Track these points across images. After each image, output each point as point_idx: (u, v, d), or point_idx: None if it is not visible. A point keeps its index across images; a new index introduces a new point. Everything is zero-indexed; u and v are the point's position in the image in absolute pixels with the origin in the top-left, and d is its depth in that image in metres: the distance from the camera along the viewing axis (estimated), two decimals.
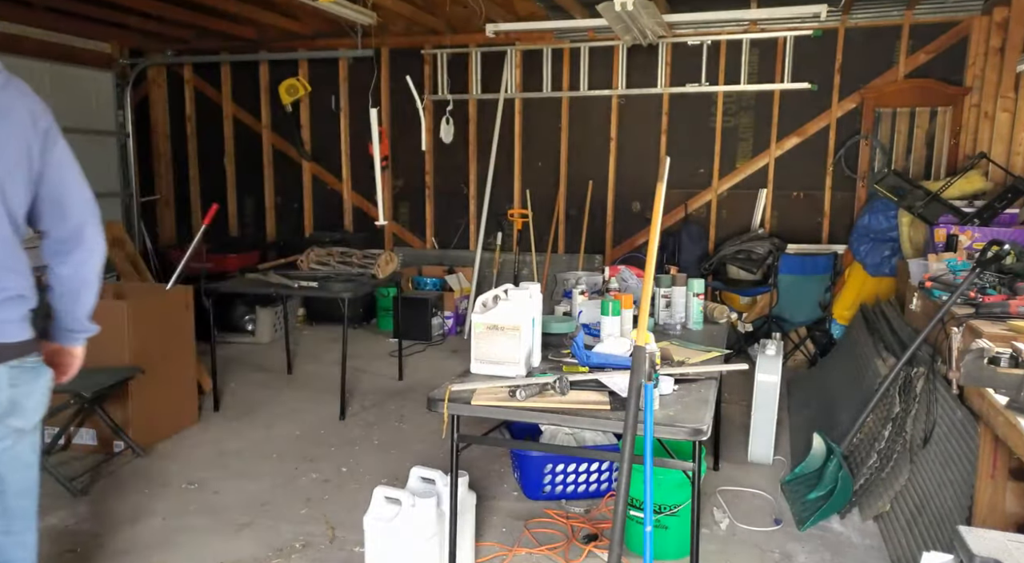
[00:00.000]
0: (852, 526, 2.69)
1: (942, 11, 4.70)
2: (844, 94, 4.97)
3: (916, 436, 2.66)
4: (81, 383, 3.26)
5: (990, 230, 3.72)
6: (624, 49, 5.36)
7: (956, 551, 1.26)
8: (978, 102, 4.63)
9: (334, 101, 6.04)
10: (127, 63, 6.20)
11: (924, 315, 3.11)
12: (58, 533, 2.70)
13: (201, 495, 2.99)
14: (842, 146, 4.99)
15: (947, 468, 2.36)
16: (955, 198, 4.24)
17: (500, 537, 2.64)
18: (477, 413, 1.95)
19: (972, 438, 2.20)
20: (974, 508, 2.07)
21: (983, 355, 1.86)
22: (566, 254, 5.72)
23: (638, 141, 5.47)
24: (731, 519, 2.75)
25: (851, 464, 2.84)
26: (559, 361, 2.24)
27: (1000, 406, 1.79)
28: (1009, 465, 1.99)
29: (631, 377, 1.60)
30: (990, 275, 2.76)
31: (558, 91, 5.57)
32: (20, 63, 5.08)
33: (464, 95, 5.75)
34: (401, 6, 4.82)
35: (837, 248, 5.02)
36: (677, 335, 2.72)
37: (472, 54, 5.69)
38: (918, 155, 4.92)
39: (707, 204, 5.41)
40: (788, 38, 5.01)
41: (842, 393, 3.54)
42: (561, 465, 2.84)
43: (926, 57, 4.78)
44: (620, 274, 3.24)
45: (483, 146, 5.77)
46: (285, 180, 6.34)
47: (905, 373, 2.81)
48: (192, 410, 3.86)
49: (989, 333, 2.27)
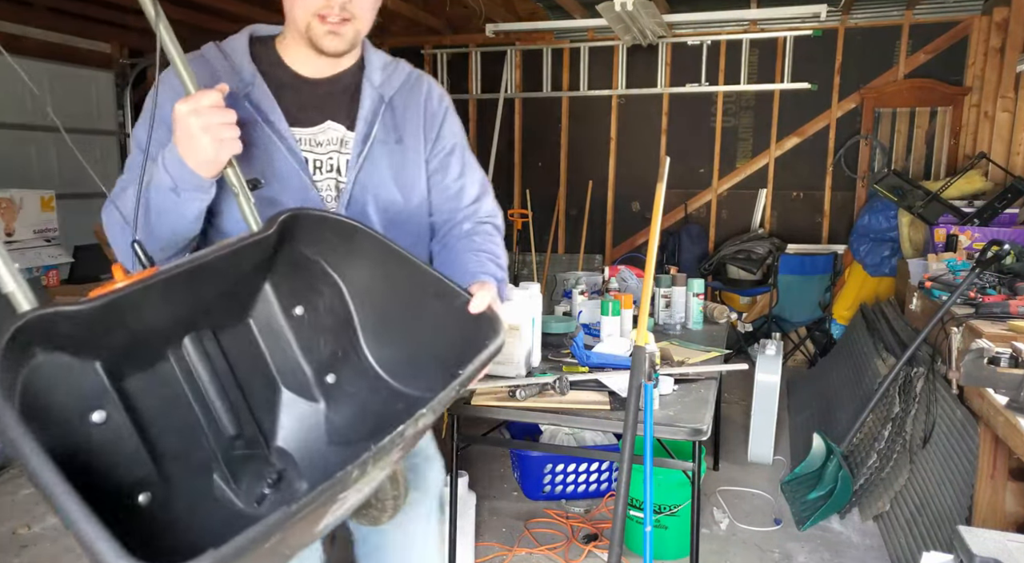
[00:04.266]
0: (852, 526, 2.69)
1: (942, 11, 4.70)
2: (844, 94, 4.97)
3: (916, 436, 2.66)
4: None
5: (990, 230, 3.72)
6: (624, 49, 5.36)
7: (956, 551, 1.26)
8: (978, 102, 4.63)
9: None
10: (127, 63, 6.20)
11: (924, 315, 3.11)
12: (59, 533, 2.69)
13: None
14: (842, 146, 4.99)
15: (947, 468, 2.36)
16: (955, 198, 4.24)
17: (500, 537, 2.64)
18: (477, 413, 1.95)
19: (972, 438, 2.20)
20: (974, 508, 2.07)
21: (983, 355, 1.86)
22: (566, 254, 5.72)
23: (638, 141, 5.47)
24: (731, 519, 2.75)
25: (851, 464, 2.84)
26: (559, 361, 2.24)
27: (1000, 406, 1.79)
28: (1009, 465, 1.99)
29: (631, 377, 1.60)
30: (990, 275, 2.76)
31: (558, 91, 5.57)
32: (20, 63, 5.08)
33: (464, 95, 5.75)
34: (401, 6, 4.82)
35: (837, 248, 5.02)
36: (677, 335, 2.72)
37: (472, 54, 5.69)
38: (918, 155, 4.91)
39: (707, 204, 5.40)
40: (788, 38, 5.01)
41: (842, 393, 3.54)
42: (561, 465, 2.84)
43: (926, 57, 4.78)
44: (620, 274, 3.23)
45: (483, 146, 5.77)
46: None
47: (905, 373, 2.81)
48: None
49: (989, 333, 2.27)
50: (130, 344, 0.90)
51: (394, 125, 1.33)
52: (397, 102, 1.35)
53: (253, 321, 1.07)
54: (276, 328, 1.08)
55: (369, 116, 1.30)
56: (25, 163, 5.13)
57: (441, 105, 1.41)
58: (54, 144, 5.41)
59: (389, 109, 1.33)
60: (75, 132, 5.62)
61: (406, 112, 1.36)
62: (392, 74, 1.36)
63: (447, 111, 1.42)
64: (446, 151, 1.40)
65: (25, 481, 3.19)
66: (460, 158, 1.43)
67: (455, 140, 1.42)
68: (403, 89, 1.36)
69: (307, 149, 1.27)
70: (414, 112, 1.37)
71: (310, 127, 1.28)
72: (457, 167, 1.42)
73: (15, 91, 5.08)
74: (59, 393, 0.82)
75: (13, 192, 4.04)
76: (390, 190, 1.33)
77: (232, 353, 1.03)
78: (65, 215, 4.50)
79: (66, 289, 3.93)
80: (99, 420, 0.86)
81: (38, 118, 5.27)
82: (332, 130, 1.29)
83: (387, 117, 1.33)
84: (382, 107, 1.32)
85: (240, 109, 1.14)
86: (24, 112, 5.15)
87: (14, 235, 4.00)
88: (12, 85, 5.05)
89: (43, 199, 4.19)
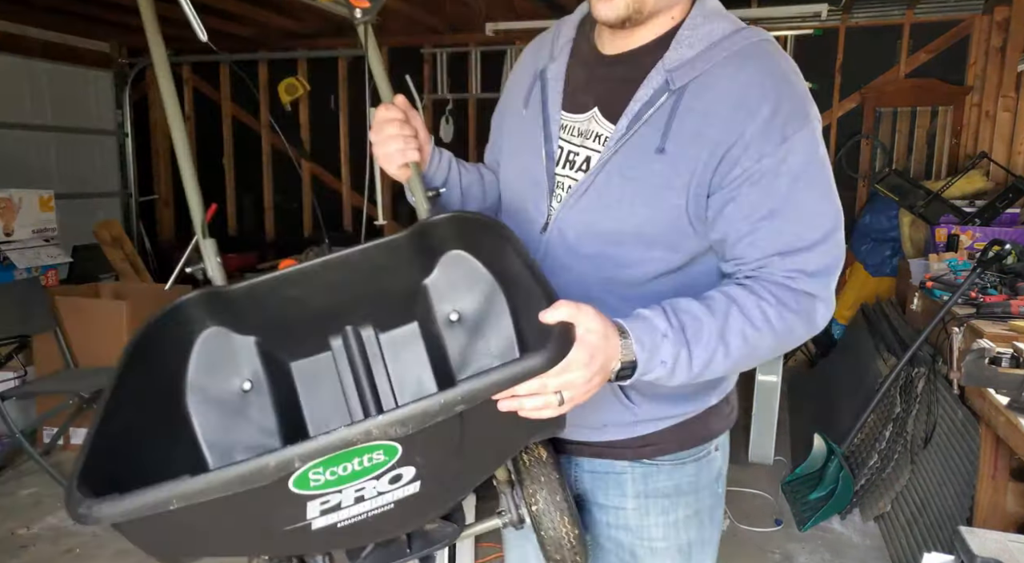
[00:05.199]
0: (853, 527, 2.69)
1: (943, 10, 4.69)
2: (845, 93, 4.96)
3: (917, 436, 2.66)
4: (80, 383, 3.26)
5: (991, 230, 3.72)
6: None
7: (957, 551, 1.25)
8: (979, 101, 4.62)
9: (333, 100, 6.03)
10: (126, 62, 6.20)
11: (925, 315, 3.10)
12: (58, 533, 2.69)
13: None
14: (843, 146, 4.99)
15: (948, 468, 2.35)
16: (956, 198, 4.23)
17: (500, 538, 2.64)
18: None
19: (973, 438, 2.19)
20: (975, 508, 2.06)
21: (984, 355, 1.86)
22: None
23: None
24: (731, 519, 2.74)
25: (852, 464, 2.83)
26: None
27: (1001, 406, 1.78)
28: (1010, 465, 1.98)
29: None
30: (991, 275, 2.75)
31: None
32: (20, 63, 5.08)
33: (464, 94, 5.74)
34: (401, 5, 4.81)
35: None
36: None
37: (472, 53, 5.68)
38: (919, 155, 4.91)
39: None
40: (789, 37, 5.00)
41: (843, 393, 3.53)
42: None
43: (927, 56, 4.77)
44: None
45: (483, 145, 5.75)
46: (284, 180, 6.34)
47: (906, 373, 2.80)
48: None
49: (990, 333, 2.26)
50: (284, 327, 1.01)
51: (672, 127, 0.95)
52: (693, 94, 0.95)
53: (417, 322, 1.08)
54: (435, 332, 1.07)
55: (637, 110, 0.97)
56: (24, 163, 5.13)
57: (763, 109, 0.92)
58: (53, 144, 5.41)
59: (678, 101, 0.95)
60: (74, 132, 5.62)
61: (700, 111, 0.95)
62: (705, 51, 0.95)
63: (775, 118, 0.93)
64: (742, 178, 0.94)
65: (25, 481, 3.19)
66: (767, 190, 0.93)
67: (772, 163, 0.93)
68: (711, 74, 0.94)
69: (566, 138, 1.06)
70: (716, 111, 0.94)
71: (578, 113, 1.05)
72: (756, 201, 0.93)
73: (14, 91, 5.08)
74: (219, 357, 0.99)
75: (12, 192, 4.04)
76: (605, 214, 1.00)
77: (389, 351, 1.06)
78: (64, 215, 4.50)
79: (65, 289, 3.93)
80: (246, 389, 1.00)
81: (37, 118, 5.27)
82: (595, 121, 1.03)
83: (661, 115, 0.95)
84: (663, 98, 0.96)
85: (534, 87, 1.11)
86: (23, 112, 5.15)
87: (13, 235, 3.99)
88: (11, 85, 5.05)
89: (42, 199, 4.19)
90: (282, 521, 0.75)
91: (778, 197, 0.93)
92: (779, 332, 0.93)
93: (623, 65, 1.02)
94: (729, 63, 0.94)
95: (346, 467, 0.71)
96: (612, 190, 0.99)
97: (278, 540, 0.79)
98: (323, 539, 0.79)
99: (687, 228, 0.97)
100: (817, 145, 0.96)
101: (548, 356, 0.75)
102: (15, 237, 4.01)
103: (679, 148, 0.94)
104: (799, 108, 0.94)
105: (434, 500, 0.85)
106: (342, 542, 0.87)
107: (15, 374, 3.53)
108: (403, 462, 0.74)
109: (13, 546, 2.65)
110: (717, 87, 0.94)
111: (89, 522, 0.66)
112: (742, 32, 0.97)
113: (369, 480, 0.74)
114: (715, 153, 0.93)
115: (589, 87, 1.05)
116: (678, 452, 1.12)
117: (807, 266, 0.94)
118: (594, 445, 1.12)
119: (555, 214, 1.04)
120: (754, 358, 0.96)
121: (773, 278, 0.94)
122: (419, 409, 0.69)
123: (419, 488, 0.78)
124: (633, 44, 1.01)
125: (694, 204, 0.96)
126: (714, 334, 0.90)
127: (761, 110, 0.92)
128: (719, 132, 0.93)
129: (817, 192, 0.97)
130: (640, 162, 0.96)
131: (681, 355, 0.89)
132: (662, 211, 0.97)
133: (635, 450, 1.11)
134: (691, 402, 1.09)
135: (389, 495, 0.78)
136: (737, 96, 0.93)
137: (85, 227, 4.88)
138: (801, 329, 0.95)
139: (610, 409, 1.06)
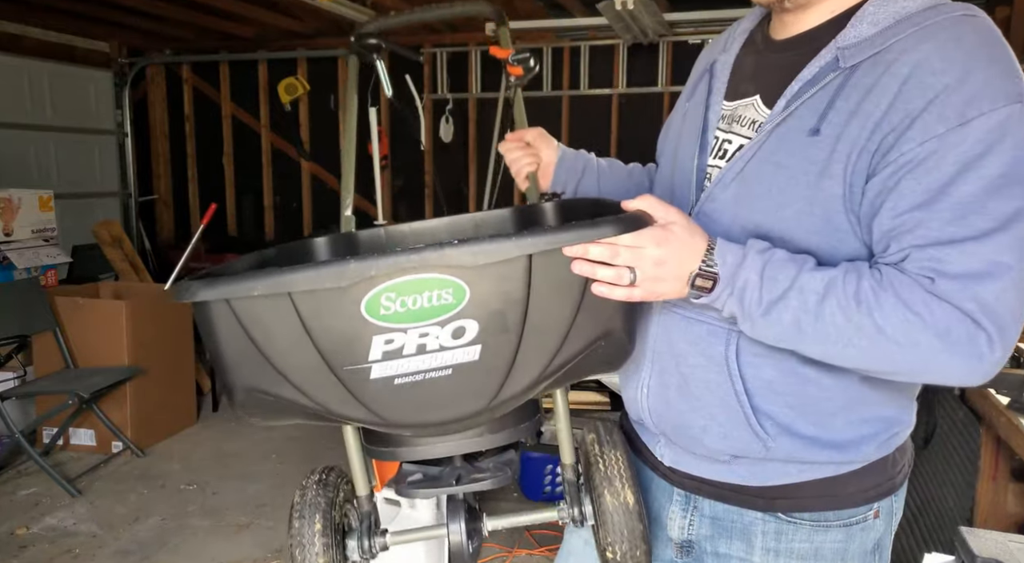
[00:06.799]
0: None
1: None
2: None
3: (917, 437, 2.65)
4: (79, 383, 3.26)
5: None
6: (624, 48, 5.35)
7: (957, 552, 1.25)
8: None
9: (333, 100, 6.03)
10: (125, 62, 6.19)
11: None
12: (57, 533, 2.69)
13: (200, 496, 2.98)
14: None
15: (948, 469, 2.35)
16: None
17: (500, 538, 2.64)
18: None
19: (974, 439, 2.19)
20: (976, 509, 2.06)
21: None
22: None
23: (639, 140, 5.46)
24: None
25: None
26: None
27: (1002, 407, 1.78)
28: (1011, 466, 1.98)
29: None
30: None
31: (558, 90, 5.56)
32: (19, 62, 5.08)
33: (464, 94, 5.74)
34: (401, 5, 4.81)
35: None
36: None
37: (472, 53, 5.68)
38: None
39: None
40: None
41: None
42: None
43: None
44: None
45: (483, 145, 5.76)
46: (284, 180, 6.33)
47: None
48: (191, 411, 3.86)
49: None
50: None
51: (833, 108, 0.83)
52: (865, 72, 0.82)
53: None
54: None
55: (797, 90, 0.87)
56: (24, 163, 5.13)
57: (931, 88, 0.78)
58: (53, 144, 5.40)
59: (846, 80, 0.83)
60: (74, 132, 5.61)
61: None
62: (890, 28, 0.83)
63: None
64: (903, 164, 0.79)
65: (24, 481, 3.19)
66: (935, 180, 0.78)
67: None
68: (891, 49, 0.81)
69: (723, 128, 0.97)
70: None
71: (738, 100, 0.97)
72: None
73: (14, 91, 5.07)
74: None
75: (12, 192, 4.03)
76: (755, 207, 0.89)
77: None
78: (64, 215, 4.50)
79: (64, 289, 3.93)
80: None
81: (37, 118, 5.27)
82: (755, 108, 0.93)
83: (824, 95, 0.84)
84: (829, 77, 0.84)
85: (701, 80, 1.07)
86: (23, 112, 5.15)
87: (12, 235, 3.99)
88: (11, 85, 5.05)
89: (41, 199, 4.19)
90: (346, 357, 0.77)
91: (934, 189, 0.77)
92: (890, 329, 0.77)
93: (792, 49, 0.92)
94: (914, 36, 0.81)
95: (416, 300, 0.74)
96: (761, 180, 0.87)
97: (337, 392, 0.79)
98: (378, 396, 0.79)
99: (844, 224, 0.83)
100: (1010, 132, 0.76)
101: (622, 223, 0.78)
102: (15, 237, 4.01)
103: (835, 128, 0.82)
104: (994, 85, 0.78)
105: (489, 380, 0.81)
106: (394, 409, 0.81)
107: (15, 374, 3.54)
108: (468, 312, 0.76)
109: (13, 546, 2.65)
110: (892, 61, 0.80)
111: (185, 298, 0.74)
112: (943, 6, 0.84)
113: (434, 324, 0.76)
114: (875, 134, 0.79)
115: (755, 75, 0.96)
116: (823, 511, 0.94)
117: (945, 264, 0.76)
118: (718, 485, 0.97)
119: (699, 206, 0.95)
120: (857, 350, 0.79)
121: (904, 269, 0.79)
122: (492, 243, 0.73)
123: (478, 356, 0.79)
124: (805, 26, 0.91)
125: (851, 196, 0.82)
126: (805, 288, 0.79)
127: (937, 83, 0.77)
128: (881, 108, 0.79)
129: (988, 184, 0.76)
130: (794, 148, 0.85)
131: (760, 290, 0.81)
132: (817, 204, 0.83)
133: (768, 501, 0.95)
134: (841, 450, 0.92)
135: (449, 354, 0.78)
136: (912, 66, 0.79)
137: (85, 227, 4.87)
138: (930, 342, 0.76)
139: (739, 436, 0.92)
